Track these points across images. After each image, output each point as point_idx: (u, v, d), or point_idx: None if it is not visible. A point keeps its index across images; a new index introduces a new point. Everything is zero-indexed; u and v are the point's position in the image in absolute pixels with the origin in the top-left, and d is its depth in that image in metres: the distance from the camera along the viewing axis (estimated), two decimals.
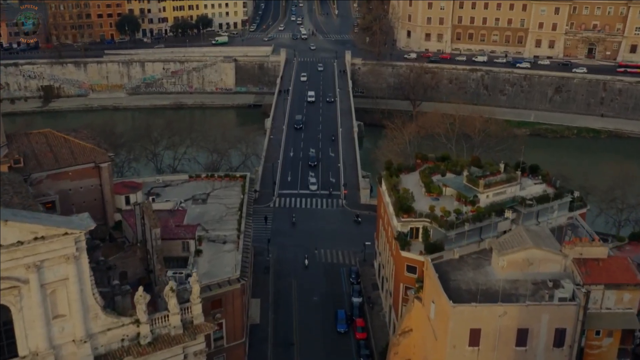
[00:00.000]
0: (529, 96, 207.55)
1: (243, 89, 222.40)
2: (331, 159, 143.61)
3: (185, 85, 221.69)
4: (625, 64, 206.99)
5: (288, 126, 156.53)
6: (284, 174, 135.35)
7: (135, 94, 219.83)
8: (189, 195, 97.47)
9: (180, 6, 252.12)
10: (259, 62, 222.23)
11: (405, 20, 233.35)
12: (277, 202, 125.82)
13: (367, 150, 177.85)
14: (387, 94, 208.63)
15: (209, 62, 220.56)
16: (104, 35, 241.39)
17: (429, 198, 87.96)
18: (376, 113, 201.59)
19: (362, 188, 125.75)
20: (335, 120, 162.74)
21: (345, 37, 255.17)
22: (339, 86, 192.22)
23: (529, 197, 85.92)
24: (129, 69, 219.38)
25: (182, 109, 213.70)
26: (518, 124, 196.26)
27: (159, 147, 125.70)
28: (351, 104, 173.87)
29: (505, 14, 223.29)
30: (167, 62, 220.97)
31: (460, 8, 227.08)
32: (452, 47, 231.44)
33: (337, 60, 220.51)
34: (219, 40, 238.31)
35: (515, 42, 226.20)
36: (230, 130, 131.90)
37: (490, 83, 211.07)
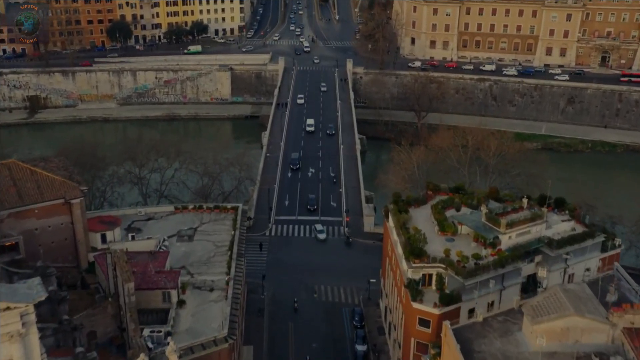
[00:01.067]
0: (539, 107, 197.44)
1: (239, 99, 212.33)
2: (331, 183, 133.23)
3: (179, 95, 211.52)
4: (629, 73, 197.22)
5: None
6: (281, 197, 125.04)
7: (126, 104, 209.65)
8: (174, 230, 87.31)
9: (175, 12, 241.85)
10: (256, 70, 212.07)
11: (409, 27, 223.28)
12: (274, 230, 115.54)
13: (369, 165, 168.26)
14: (391, 104, 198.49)
15: (204, 70, 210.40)
16: (94, 42, 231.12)
17: (442, 238, 77.81)
18: (379, 125, 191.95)
19: (366, 215, 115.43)
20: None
21: (347, 44, 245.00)
22: (340, 98, 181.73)
23: (557, 238, 75.91)
24: (120, 78, 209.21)
25: (175, 121, 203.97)
26: (528, 137, 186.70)
27: (144, 171, 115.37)
28: (353, 118, 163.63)
29: (514, 20, 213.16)
30: (160, 71, 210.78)
31: (466, 14, 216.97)
32: (458, 55, 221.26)
33: (338, 69, 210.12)
34: (191, 50, 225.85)
35: (525, 50, 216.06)
36: (223, 149, 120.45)
37: (498, 93, 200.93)
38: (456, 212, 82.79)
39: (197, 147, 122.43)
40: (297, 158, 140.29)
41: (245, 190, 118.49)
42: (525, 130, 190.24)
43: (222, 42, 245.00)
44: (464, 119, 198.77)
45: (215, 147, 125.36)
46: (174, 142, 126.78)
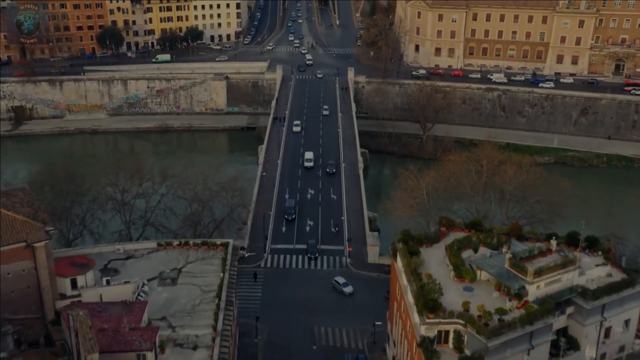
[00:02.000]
0: (551, 118, 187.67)
1: (235, 110, 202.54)
2: (333, 204, 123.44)
3: (172, 105, 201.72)
4: (634, 82, 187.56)
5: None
6: (278, 223, 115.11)
7: (116, 114, 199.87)
8: (156, 271, 77.47)
9: (168, 17, 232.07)
10: (252, 79, 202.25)
11: (413, 34, 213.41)
12: (269, 261, 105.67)
13: (372, 181, 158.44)
14: (394, 115, 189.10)
15: (198, 79, 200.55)
16: (84, 49, 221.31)
17: (459, 285, 68.05)
18: (382, 137, 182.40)
19: (370, 244, 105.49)
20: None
21: (348, 51, 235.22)
22: (341, 110, 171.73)
23: (592, 287, 66.19)
24: (110, 87, 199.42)
25: (168, 132, 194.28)
26: (539, 150, 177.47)
27: (128, 196, 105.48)
28: (355, 132, 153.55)
29: (523, 26, 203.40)
30: (152, 80, 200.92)
31: (473, 20, 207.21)
32: (464, 63, 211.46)
33: (338, 77, 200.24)
34: (159, 59, 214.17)
35: (534, 58, 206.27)
36: (215, 171, 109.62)
37: (507, 104, 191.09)
38: (474, 253, 73.05)
39: (186, 168, 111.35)
40: (293, 206, 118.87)
41: (238, 218, 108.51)
42: (536, 143, 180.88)
43: (218, 49, 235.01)
44: (471, 130, 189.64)
45: (207, 165, 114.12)
46: (160, 165, 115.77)
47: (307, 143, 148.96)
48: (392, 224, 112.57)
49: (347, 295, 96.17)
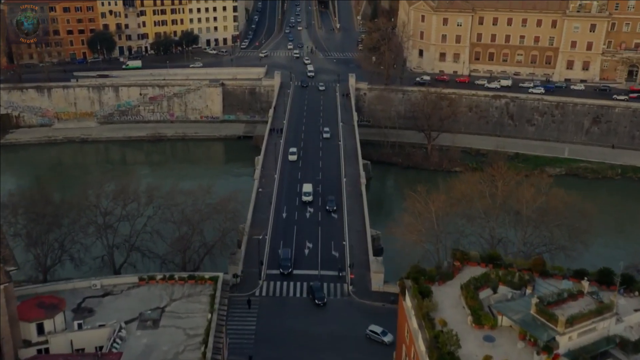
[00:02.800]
0: (561, 127, 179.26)
1: (231, 117, 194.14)
2: (333, 224, 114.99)
3: (166, 113, 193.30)
4: (638, 89, 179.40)
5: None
6: (274, 246, 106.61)
7: (107, 122, 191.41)
8: (135, 311, 69.02)
9: (162, 21, 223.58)
10: (249, 86, 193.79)
11: (417, 38, 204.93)
12: (265, 288, 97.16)
13: (375, 193, 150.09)
14: (398, 123, 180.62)
15: (193, 86, 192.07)
16: (74, 54, 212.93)
17: (478, 333, 59.69)
18: (385, 147, 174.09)
19: (374, 271, 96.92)
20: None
21: (349, 55, 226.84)
22: (342, 119, 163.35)
23: (632, 338, 57.84)
24: (101, 94, 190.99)
25: (161, 141, 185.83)
26: (550, 161, 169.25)
27: (111, 218, 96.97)
28: (357, 145, 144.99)
29: (532, 30, 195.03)
30: (145, 87, 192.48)
31: (479, 24, 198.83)
32: (470, 69, 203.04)
33: (339, 84, 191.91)
34: (129, 65, 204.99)
35: (543, 63, 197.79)
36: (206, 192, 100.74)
37: (516, 112, 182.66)
38: (493, 293, 64.64)
39: (176, 187, 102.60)
40: (288, 257, 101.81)
41: (231, 242, 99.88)
42: (546, 154, 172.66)
43: (214, 54, 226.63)
44: (477, 139, 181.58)
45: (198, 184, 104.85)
46: (147, 184, 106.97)
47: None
48: (397, 246, 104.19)
49: (388, 345, 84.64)
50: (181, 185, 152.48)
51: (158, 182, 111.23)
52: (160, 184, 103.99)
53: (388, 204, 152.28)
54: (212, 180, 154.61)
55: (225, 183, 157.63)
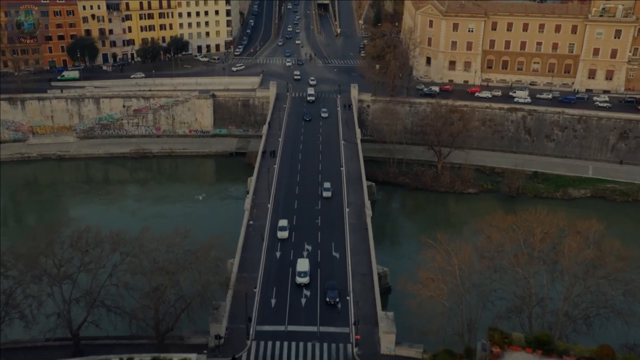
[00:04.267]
0: (584, 143, 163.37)
1: (223, 132, 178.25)
2: (335, 266, 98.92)
3: (151, 127, 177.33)
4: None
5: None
6: (266, 295, 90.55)
7: (87, 137, 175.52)
8: None
9: (150, 26, 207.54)
10: (243, 97, 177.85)
11: (424, 45, 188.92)
12: (254, 350, 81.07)
13: (379, 218, 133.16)
14: (404, 138, 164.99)
15: (181, 98, 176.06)
16: (53, 62, 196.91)
17: None
18: (391, 166, 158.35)
19: (384, 331, 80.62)
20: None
21: (350, 63, 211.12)
22: (344, 137, 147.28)
23: None
24: (80, 106, 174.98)
25: (146, 158, 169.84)
26: (573, 181, 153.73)
27: (70, 268, 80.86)
28: (361, 167, 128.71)
29: (550, 37, 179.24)
30: (129, 98, 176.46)
31: (492, 30, 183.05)
32: (482, 78, 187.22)
33: (340, 95, 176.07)
34: (65, 76, 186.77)
35: (562, 72, 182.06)
36: (184, 239, 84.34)
37: (534, 126, 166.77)
38: None
39: (145, 233, 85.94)
40: None
41: (212, 296, 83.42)
42: (568, 172, 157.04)
43: (205, 61, 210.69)
44: (492, 156, 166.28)
45: (175, 228, 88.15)
46: (111, 227, 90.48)
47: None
48: (408, 290, 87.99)
49: None
50: (164, 211, 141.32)
51: (127, 224, 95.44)
52: (128, 227, 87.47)
53: (395, 232, 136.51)
54: (199, 207, 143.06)
55: (214, 207, 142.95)
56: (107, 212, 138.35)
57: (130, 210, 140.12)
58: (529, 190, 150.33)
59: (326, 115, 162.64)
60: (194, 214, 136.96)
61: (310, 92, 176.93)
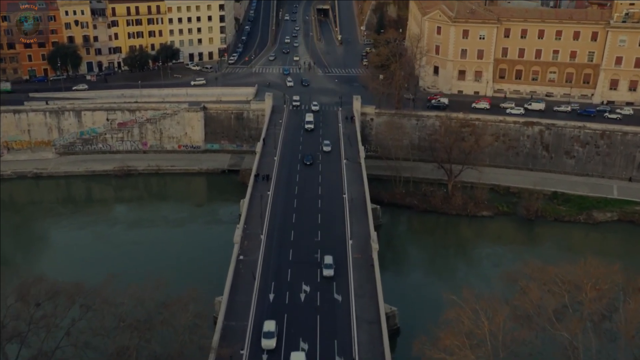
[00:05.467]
0: (607, 160, 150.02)
1: (215, 147, 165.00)
2: (336, 311, 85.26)
3: (137, 141, 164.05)
4: None
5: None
6: (255, 350, 76.81)
7: (68, 153, 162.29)
8: None
9: (138, 32, 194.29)
10: (236, 110, 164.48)
11: (431, 53, 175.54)
12: None
13: (385, 245, 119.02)
14: (411, 155, 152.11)
15: (169, 110, 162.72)
16: (33, 71, 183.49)
17: None
18: (397, 186, 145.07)
19: None
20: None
21: (352, 72, 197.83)
22: (346, 155, 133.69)
23: None
24: (60, 119, 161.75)
25: (131, 176, 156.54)
26: (597, 203, 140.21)
27: (19, 324, 67.17)
28: (365, 191, 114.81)
29: (568, 44, 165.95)
30: (112, 111, 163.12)
31: (505, 37, 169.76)
32: (494, 89, 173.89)
33: (341, 108, 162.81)
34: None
35: (581, 82, 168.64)
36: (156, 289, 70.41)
37: (552, 141, 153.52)
38: None
39: (110, 283, 72.15)
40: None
41: (191, 356, 69.65)
42: (591, 193, 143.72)
43: (197, 70, 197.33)
44: (506, 174, 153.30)
45: (146, 278, 74.31)
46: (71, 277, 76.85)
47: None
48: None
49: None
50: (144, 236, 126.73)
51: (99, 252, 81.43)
52: (100, 256, 73.82)
53: (402, 261, 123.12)
54: (183, 232, 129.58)
55: (202, 232, 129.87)
56: (80, 238, 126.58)
57: (105, 236, 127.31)
58: (549, 213, 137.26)
59: (329, 149, 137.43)
60: (178, 241, 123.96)
61: (309, 119, 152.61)
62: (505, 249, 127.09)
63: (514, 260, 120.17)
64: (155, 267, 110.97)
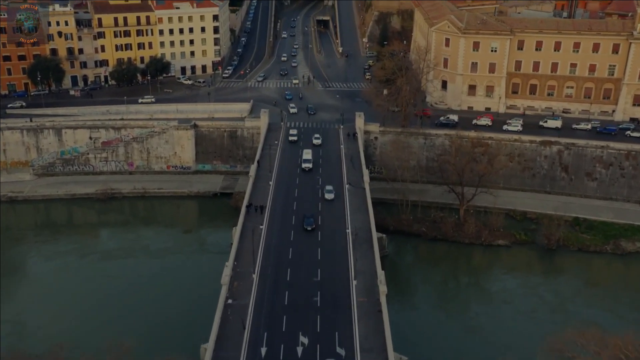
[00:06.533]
0: (633, 183, 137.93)
1: (206, 167, 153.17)
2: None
3: (123, 162, 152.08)
4: None
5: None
6: None
7: (47, 174, 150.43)
8: None
9: (126, 44, 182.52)
10: (229, 128, 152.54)
11: (439, 66, 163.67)
12: None
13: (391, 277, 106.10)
14: (419, 176, 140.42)
15: (157, 128, 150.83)
16: (13, 85, 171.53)
17: None
18: (404, 211, 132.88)
19: None
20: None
21: (354, 86, 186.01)
22: (348, 179, 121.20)
23: None
24: (38, 138, 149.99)
25: (114, 200, 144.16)
26: (625, 231, 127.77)
27: None
28: (371, 222, 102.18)
29: (587, 57, 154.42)
30: (96, 129, 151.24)
31: (519, 49, 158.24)
32: (507, 105, 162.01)
33: (342, 125, 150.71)
34: None
35: (600, 98, 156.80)
36: None
37: (572, 162, 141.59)
38: None
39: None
40: None
41: None
42: (617, 219, 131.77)
43: (188, 84, 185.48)
44: (522, 198, 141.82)
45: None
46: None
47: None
48: None
49: None
50: (121, 268, 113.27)
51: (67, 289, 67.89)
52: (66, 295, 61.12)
53: (410, 298, 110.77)
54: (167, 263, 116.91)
55: (189, 264, 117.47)
56: (46, 272, 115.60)
57: (75, 268, 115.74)
58: (572, 242, 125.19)
59: (332, 197, 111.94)
60: (159, 275, 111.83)
61: (307, 157, 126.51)
62: (525, 284, 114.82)
63: (534, 297, 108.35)
64: (126, 313, 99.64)
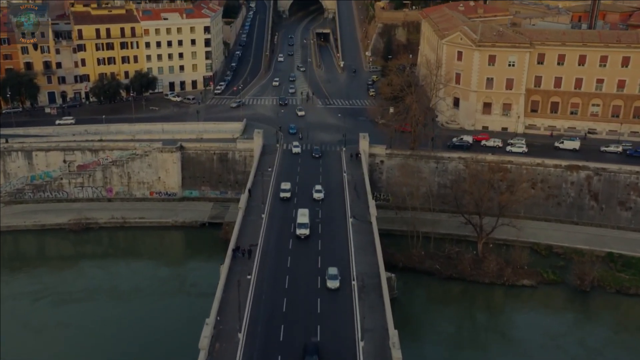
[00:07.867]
0: None
1: (194, 194, 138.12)
2: None
3: (101, 188, 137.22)
4: None
5: None
6: None
7: (14, 202, 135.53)
8: None
9: (109, 58, 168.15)
10: (219, 150, 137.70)
11: (450, 83, 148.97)
12: None
13: (400, 324, 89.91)
14: (430, 204, 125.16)
15: (139, 150, 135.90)
16: None
17: None
18: (414, 244, 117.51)
19: None
20: None
21: (357, 104, 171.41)
22: (352, 212, 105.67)
23: None
24: (5, 162, 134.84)
25: (90, 231, 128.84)
26: None
27: None
28: (379, 265, 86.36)
29: (614, 72, 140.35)
30: (71, 151, 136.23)
31: (539, 63, 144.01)
32: (525, 124, 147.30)
33: (345, 147, 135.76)
34: None
35: (630, 117, 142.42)
36: None
37: (602, 189, 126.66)
38: None
39: None
40: None
41: None
42: None
43: (177, 102, 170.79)
44: (546, 229, 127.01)
45: None
46: None
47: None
48: None
49: None
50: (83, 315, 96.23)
51: None
52: None
53: (421, 351, 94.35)
54: (141, 308, 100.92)
55: (167, 307, 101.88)
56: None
57: (26, 314, 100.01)
58: (609, 282, 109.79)
59: (337, 286, 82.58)
60: (129, 324, 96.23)
61: (303, 221, 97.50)
62: (558, 335, 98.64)
63: (574, 346, 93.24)
64: None
